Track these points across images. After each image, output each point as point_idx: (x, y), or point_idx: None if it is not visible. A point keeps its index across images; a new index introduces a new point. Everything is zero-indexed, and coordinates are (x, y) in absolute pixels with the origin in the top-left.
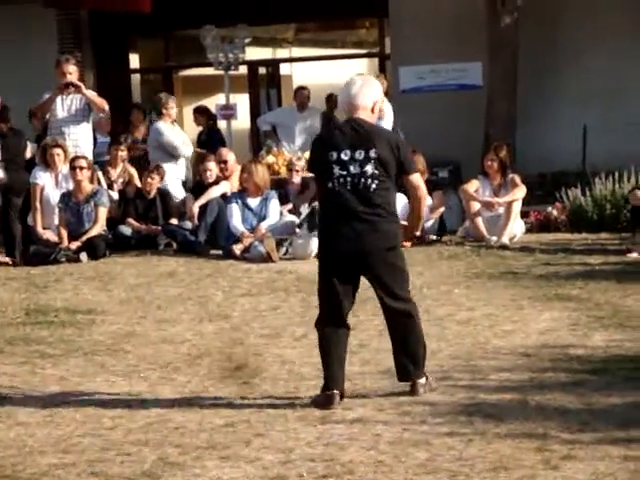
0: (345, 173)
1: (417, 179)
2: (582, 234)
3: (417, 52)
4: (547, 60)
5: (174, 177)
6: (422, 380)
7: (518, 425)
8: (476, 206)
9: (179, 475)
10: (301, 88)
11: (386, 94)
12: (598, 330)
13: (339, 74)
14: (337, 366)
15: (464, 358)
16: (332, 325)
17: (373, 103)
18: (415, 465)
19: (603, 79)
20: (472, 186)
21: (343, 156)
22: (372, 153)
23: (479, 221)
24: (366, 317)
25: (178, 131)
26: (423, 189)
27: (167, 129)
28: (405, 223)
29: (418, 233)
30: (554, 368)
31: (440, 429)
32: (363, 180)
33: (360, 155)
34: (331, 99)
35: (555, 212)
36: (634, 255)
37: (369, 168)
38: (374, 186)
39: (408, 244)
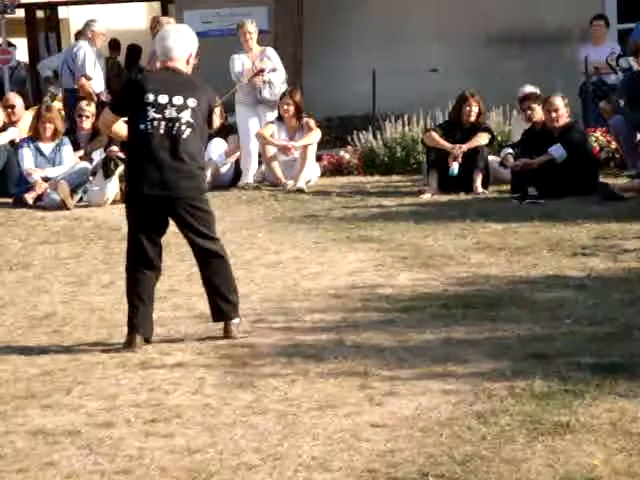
0: (160, 116)
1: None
2: (374, 177)
3: None
4: (333, 4)
5: None
6: (236, 320)
7: (338, 364)
8: (272, 150)
9: (1, 425)
10: None
11: None
12: (403, 270)
13: (119, 18)
14: (142, 309)
15: (276, 301)
16: (138, 268)
17: (188, 55)
18: (242, 407)
19: (389, 24)
20: (267, 130)
21: (160, 99)
22: (190, 102)
23: (275, 165)
24: (172, 262)
25: None
26: None
27: None
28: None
29: None
30: (365, 308)
31: (262, 370)
32: (177, 125)
33: (179, 101)
34: (115, 44)
35: (347, 155)
36: (427, 196)
37: (185, 115)
38: (187, 133)
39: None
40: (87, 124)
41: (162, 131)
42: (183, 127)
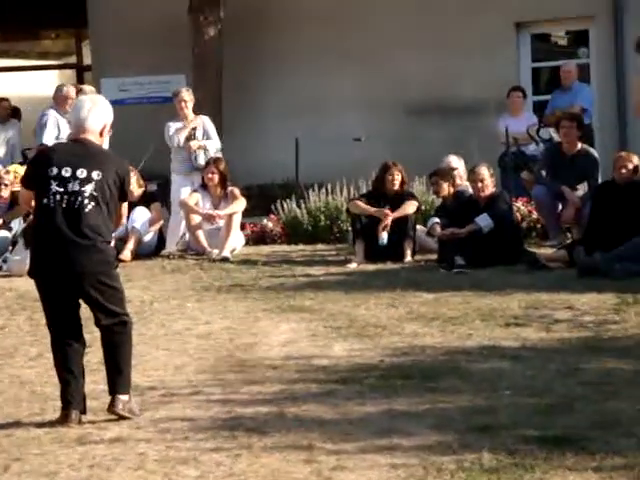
0: (62, 190)
1: (124, 207)
2: (299, 245)
3: (119, 64)
4: (252, 73)
5: None
6: (124, 397)
7: (281, 437)
8: (196, 219)
9: None
10: (1, 100)
11: None
12: (337, 340)
13: (34, 85)
14: (73, 383)
15: (211, 372)
16: (63, 341)
17: (102, 126)
18: None
19: (311, 92)
20: (192, 199)
21: (64, 173)
22: (95, 175)
23: (200, 234)
24: None
25: None
26: (123, 217)
27: None
28: None
29: None
30: (303, 379)
31: (205, 445)
32: (80, 199)
33: (82, 174)
34: (16, 113)
35: (270, 224)
36: (354, 265)
37: (88, 188)
38: (90, 207)
39: (129, 259)
40: (5, 193)
41: (64, 205)
42: (86, 201)
